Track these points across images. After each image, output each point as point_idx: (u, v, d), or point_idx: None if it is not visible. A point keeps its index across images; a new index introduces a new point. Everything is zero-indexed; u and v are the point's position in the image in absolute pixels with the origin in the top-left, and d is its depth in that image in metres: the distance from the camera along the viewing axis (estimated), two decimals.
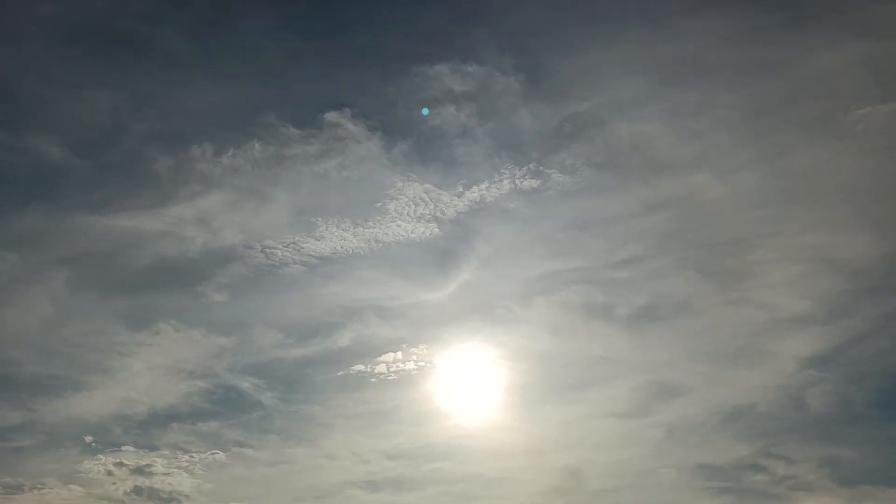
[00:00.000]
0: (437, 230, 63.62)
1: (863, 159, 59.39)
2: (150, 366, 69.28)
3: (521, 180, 62.46)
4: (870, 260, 59.83)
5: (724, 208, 62.69)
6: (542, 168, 62.45)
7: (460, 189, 62.92)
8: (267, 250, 64.06)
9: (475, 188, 62.67)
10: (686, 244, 64.25)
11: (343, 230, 63.79)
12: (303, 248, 63.82)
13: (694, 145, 62.93)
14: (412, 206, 62.78)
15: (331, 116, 61.53)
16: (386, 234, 63.90)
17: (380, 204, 62.93)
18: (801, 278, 63.78)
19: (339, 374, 74.24)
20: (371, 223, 63.01)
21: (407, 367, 72.47)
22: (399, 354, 72.69)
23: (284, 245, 64.00)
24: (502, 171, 62.94)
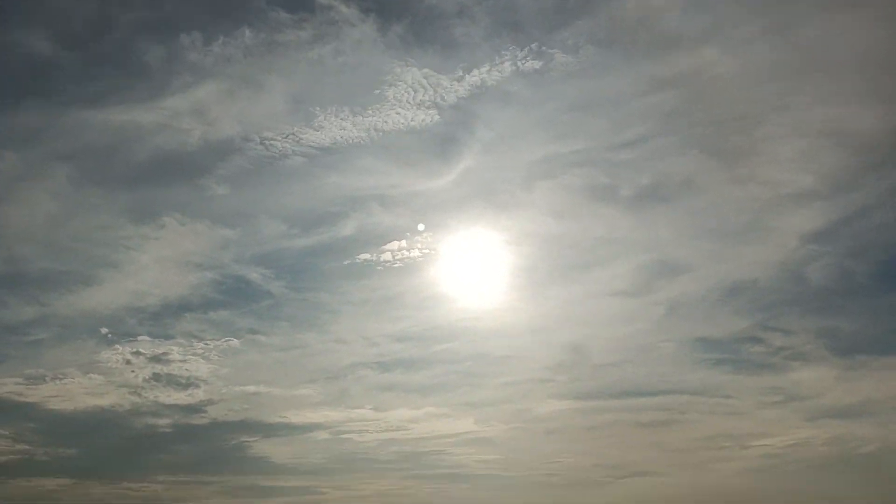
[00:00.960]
0: (438, 116, 62.31)
1: (875, 30, 57.13)
2: (158, 259, 70.40)
3: (523, 62, 60.41)
4: (877, 133, 58.92)
5: (732, 84, 61.01)
6: (544, 48, 60.28)
7: (460, 73, 61.00)
8: (266, 142, 63.18)
9: (475, 71, 60.71)
10: (692, 122, 63.13)
11: (342, 119, 62.52)
12: (302, 138, 62.93)
13: (702, 18, 60.30)
14: (411, 93, 61.09)
15: None
16: (385, 122, 62.65)
17: (378, 91, 61.31)
18: (806, 153, 63.09)
19: (345, 262, 75.42)
20: (370, 111, 61.68)
21: (412, 254, 73.46)
22: (403, 242, 73.50)
23: (283, 136, 63.05)
24: (503, 52, 60.77)
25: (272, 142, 62.66)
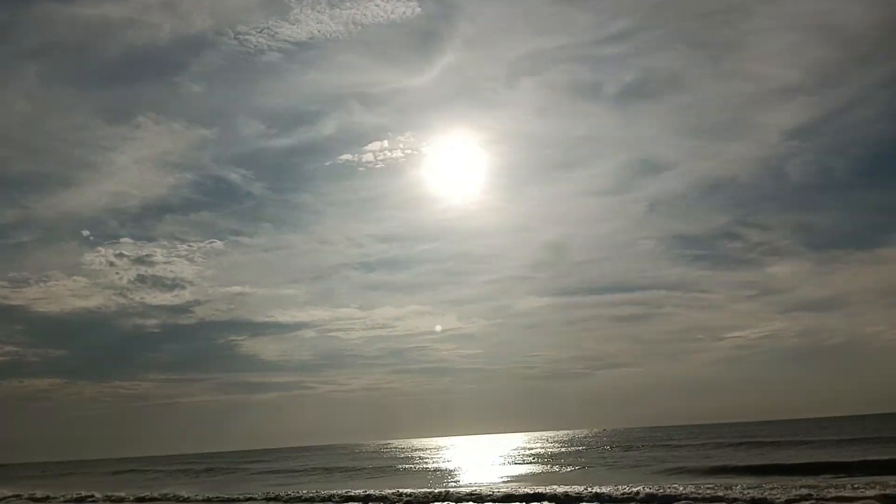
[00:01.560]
0: (419, 8, 60.66)
1: None
2: (136, 159, 69.84)
3: None
4: (865, 26, 58.31)
5: None
6: None
7: None
8: (240, 37, 61.23)
9: None
10: (679, 14, 62.30)
11: (319, 13, 60.51)
12: (277, 33, 61.00)
13: None
14: None
15: None
16: (364, 14, 60.76)
17: None
18: (793, 47, 62.76)
19: (327, 163, 75.10)
20: (348, 3, 59.62)
21: (394, 154, 73.03)
22: (385, 143, 72.92)
23: (258, 31, 61.08)
24: None
25: (246, 36, 60.76)
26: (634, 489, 27.43)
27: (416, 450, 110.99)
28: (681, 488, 26.85)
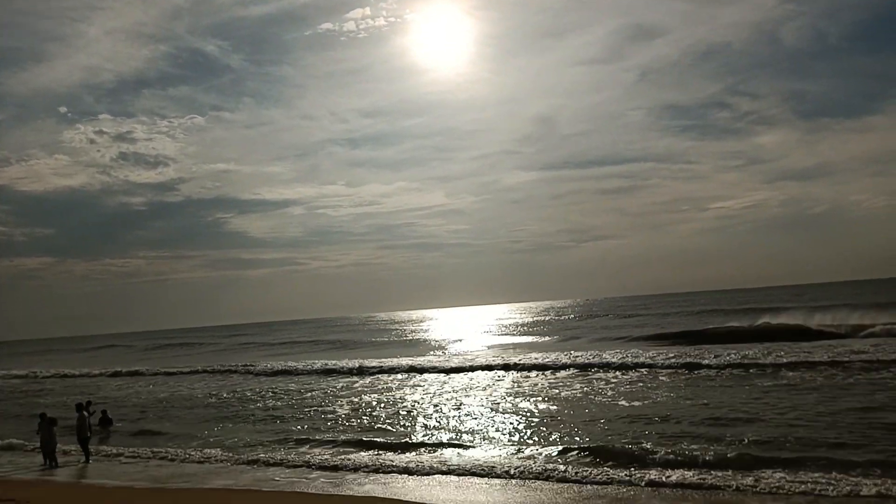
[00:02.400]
0: None
1: None
2: (107, 31, 65.44)
3: None
4: None
5: None
6: None
7: None
8: None
9: None
10: None
11: None
12: None
13: None
14: None
15: None
16: None
17: None
18: None
19: (307, 33, 70.65)
20: None
21: (377, 23, 68.47)
22: (367, 10, 68.20)
23: None
24: None
25: None
26: (576, 355, 27.10)
27: (402, 322, 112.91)
28: (615, 357, 26.27)
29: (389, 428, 15.73)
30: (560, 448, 12.27)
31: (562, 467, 11.07)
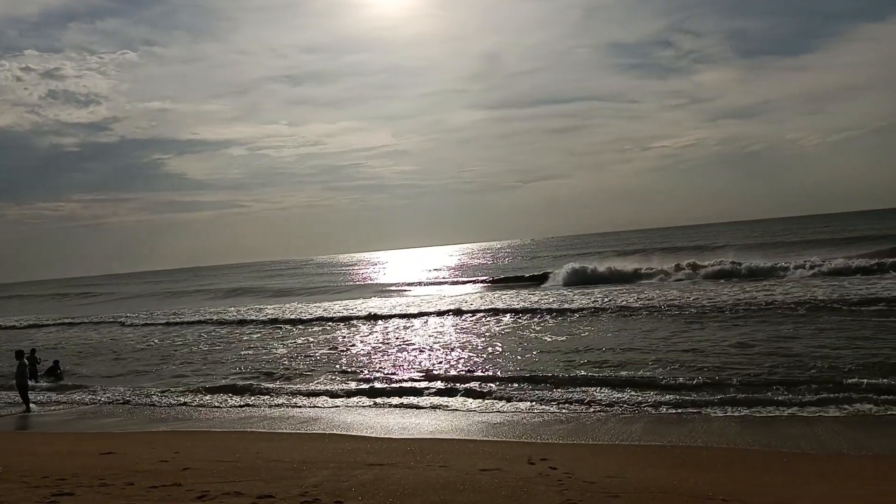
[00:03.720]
0: None
1: None
2: None
3: None
4: None
5: None
6: None
7: None
8: None
9: None
10: None
11: None
12: None
13: None
14: None
15: None
16: None
17: None
18: None
19: None
20: None
21: None
22: None
23: None
24: None
25: None
26: (504, 303, 28.15)
27: (347, 265, 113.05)
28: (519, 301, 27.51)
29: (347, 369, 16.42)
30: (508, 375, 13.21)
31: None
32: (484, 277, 46.46)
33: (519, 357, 15.84)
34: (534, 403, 11.73)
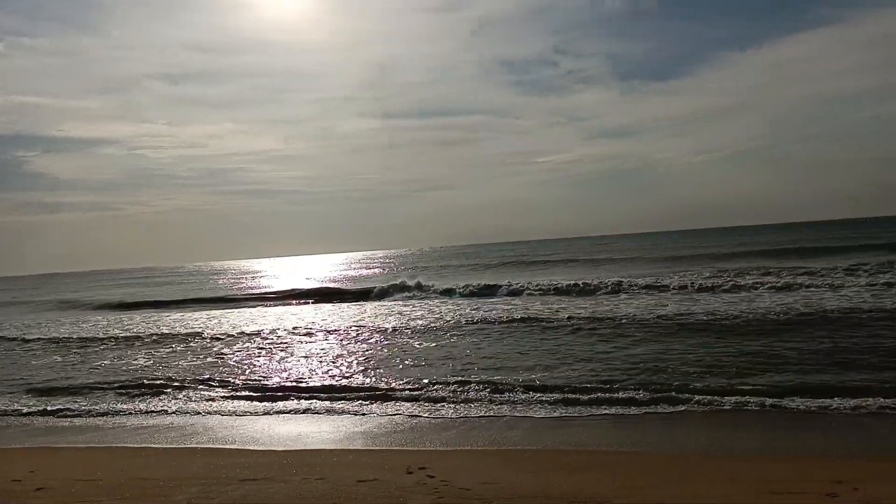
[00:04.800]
0: None
1: None
2: None
3: None
4: None
5: None
6: None
7: None
8: None
9: None
10: None
11: None
12: None
13: None
14: None
15: None
16: None
17: None
18: None
19: None
20: None
21: None
22: None
23: None
24: None
25: None
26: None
27: (215, 273, 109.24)
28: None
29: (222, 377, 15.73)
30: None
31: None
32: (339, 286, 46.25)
33: (400, 366, 15.85)
34: (417, 410, 11.76)
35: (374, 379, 14.50)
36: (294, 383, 14.67)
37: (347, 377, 14.93)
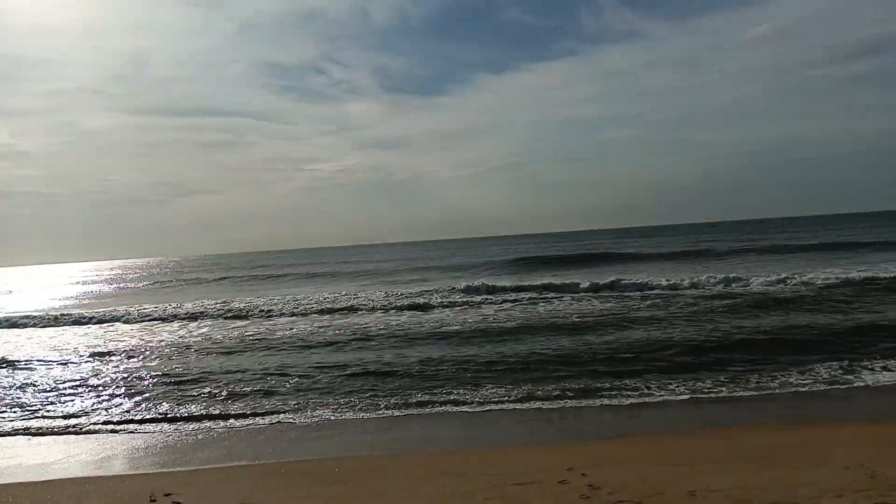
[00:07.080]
0: None
1: None
2: None
3: None
4: None
5: None
6: None
7: None
8: None
9: None
10: None
11: None
12: None
13: None
14: None
15: None
16: None
17: None
18: None
19: None
20: None
21: None
22: None
23: None
24: None
25: None
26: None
27: None
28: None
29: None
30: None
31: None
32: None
33: (130, 385, 14.54)
34: (161, 430, 10.86)
35: (108, 401, 13.15)
36: None
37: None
